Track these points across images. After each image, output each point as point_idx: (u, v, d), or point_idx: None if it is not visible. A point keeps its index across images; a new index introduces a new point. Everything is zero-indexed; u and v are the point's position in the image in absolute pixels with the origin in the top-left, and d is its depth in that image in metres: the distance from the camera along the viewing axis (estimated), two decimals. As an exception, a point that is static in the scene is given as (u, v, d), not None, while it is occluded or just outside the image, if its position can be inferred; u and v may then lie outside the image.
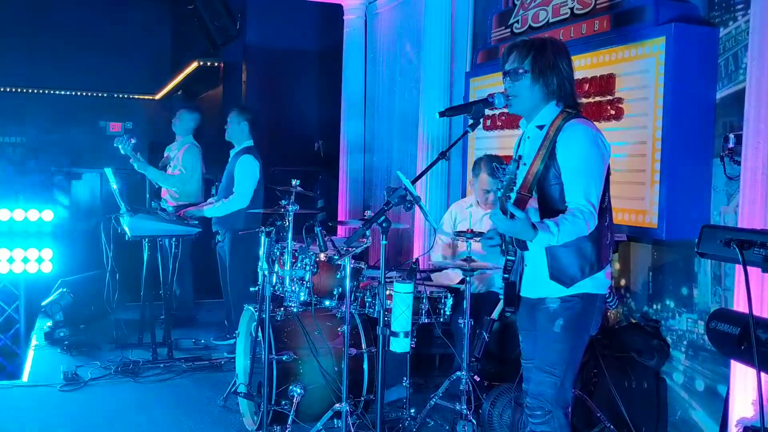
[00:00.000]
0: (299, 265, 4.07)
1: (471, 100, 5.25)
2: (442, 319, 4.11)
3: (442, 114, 3.06)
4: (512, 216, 2.59)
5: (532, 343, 2.97)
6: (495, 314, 4.01)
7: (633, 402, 3.86)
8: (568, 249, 2.77)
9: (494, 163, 3.29)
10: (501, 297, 3.33)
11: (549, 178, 2.78)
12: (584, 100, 4.15)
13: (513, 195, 2.66)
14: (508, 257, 2.87)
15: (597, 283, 2.85)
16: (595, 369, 3.92)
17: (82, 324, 6.13)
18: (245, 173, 5.70)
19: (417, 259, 4.32)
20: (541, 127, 2.86)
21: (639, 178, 3.88)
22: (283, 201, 4.20)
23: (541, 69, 2.82)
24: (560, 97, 2.86)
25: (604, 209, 2.84)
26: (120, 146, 6.16)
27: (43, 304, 6.13)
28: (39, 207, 6.13)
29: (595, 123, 2.93)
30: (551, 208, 2.79)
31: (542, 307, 2.87)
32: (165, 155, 6.66)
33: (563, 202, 2.78)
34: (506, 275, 2.89)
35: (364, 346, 4.10)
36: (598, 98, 4.15)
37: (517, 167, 2.71)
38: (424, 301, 4.01)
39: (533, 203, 2.79)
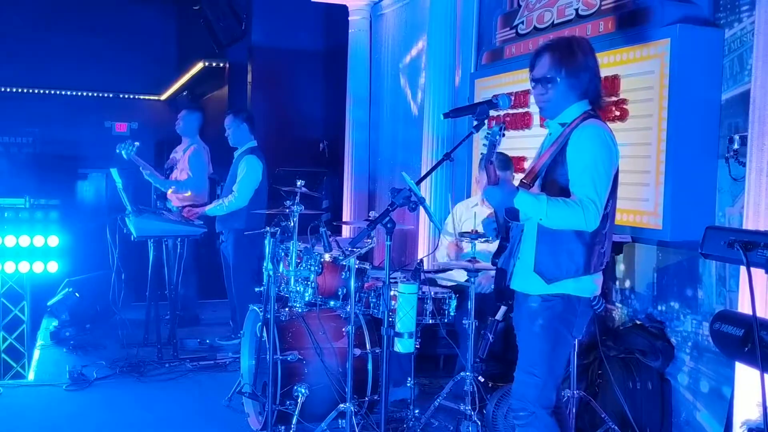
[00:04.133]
0: (304, 265, 4.07)
1: (476, 101, 5.25)
2: (446, 320, 4.11)
3: (446, 115, 3.06)
4: (497, 181, 2.59)
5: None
6: (499, 315, 4.01)
7: (637, 403, 3.86)
8: (559, 247, 2.77)
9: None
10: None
11: (555, 173, 2.79)
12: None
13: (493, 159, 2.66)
14: (502, 241, 2.87)
15: (581, 286, 2.82)
16: (600, 370, 3.92)
17: (88, 324, 6.15)
18: (246, 173, 5.72)
19: (421, 260, 4.31)
20: (563, 125, 2.88)
21: (644, 179, 3.87)
22: (287, 201, 4.21)
23: (574, 72, 2.83)
24: (588, 95, 2.88)
25: (606, 215, 2.81)
26: (123, 152, 5.91)
27: (49, 303, 6.15)
28: (44, 207, 6.14)
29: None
30: None
31: (525, 306, 2.88)
32: (171, 157, 6.64)
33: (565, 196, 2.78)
34: (495, 259, 2.89)
35: (368, 346, 4.11)
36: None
37: (500, 130, 2.67)
38: (429, 301, 4.01)
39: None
